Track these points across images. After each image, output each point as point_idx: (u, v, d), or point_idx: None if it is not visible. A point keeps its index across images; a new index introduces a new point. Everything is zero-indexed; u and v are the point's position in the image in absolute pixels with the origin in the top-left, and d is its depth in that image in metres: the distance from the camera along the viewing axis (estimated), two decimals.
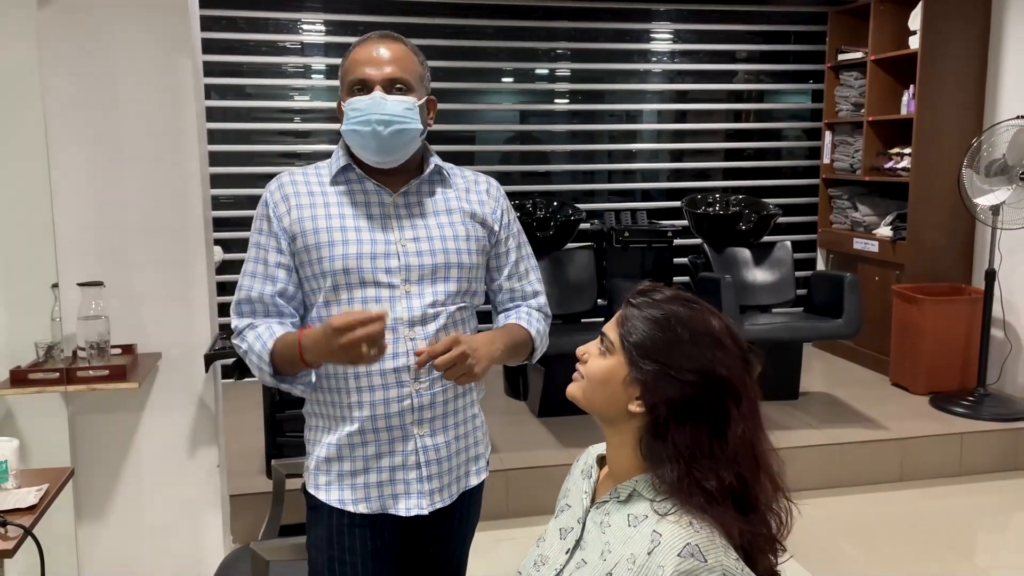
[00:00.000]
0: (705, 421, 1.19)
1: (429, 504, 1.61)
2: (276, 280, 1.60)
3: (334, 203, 1.59)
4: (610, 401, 1.25)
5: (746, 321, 4.27)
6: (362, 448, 1.59)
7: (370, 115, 1.53)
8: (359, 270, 1.55)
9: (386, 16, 4.99)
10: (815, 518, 3.59)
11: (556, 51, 5.45)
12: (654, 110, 5.63)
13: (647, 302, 1.26)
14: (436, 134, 5.16)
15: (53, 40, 2.58)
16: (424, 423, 1.59)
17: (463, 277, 1.61)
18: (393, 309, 1.55)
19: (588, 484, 1.37)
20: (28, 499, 1.78)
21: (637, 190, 5.65)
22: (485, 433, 1.76)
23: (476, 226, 1.65)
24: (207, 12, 4.56)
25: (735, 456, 1.20)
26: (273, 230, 1.60)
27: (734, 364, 1.23)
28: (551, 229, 4.52)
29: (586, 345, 1.31)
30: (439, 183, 1.66)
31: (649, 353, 1.21)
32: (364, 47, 1.59)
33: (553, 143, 5.51)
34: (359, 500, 1.60)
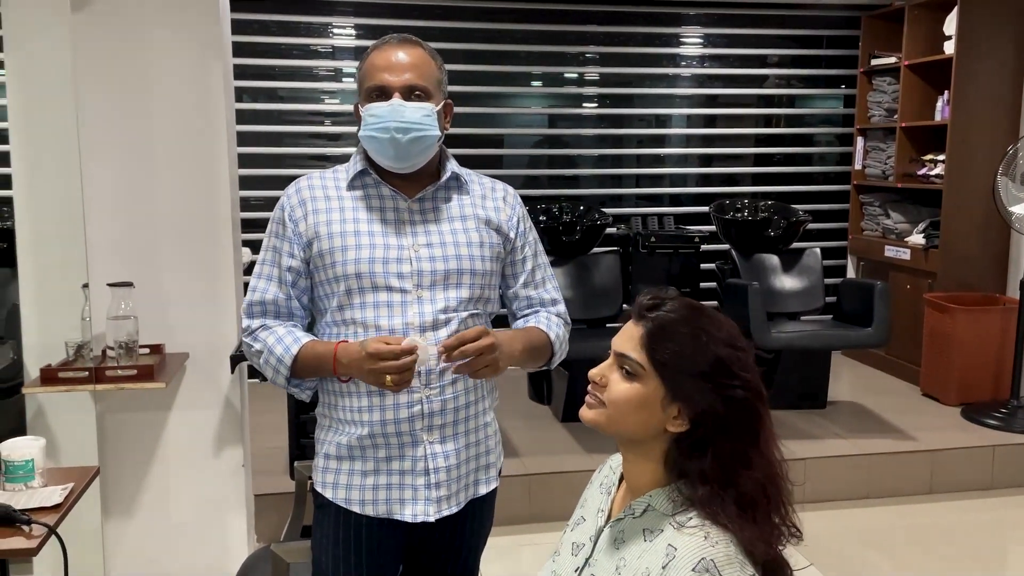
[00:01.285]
0: (745, 431, 1.19)
1: (436, 511, 1.60)
2: (288, 284, 1.62)
3: (349, 208, 1.60)
4: (644, 424, 1.22)
5: (773, 328, 4.22)
6: (372, 450, 1.59)
7: (389, 122, 1.54)
8: (371, 274, 1.56)
9: (415, 20, 5.02)
10: (841, 530, 3.54)
11: (585, 55, 5.43)
12: (683, 114, 5.60)
13: (666, 317, 1.22)
14: (464, 137, 5.25)
15: (86, 43, 2.62)
16: (434, 429, 1.58)
17: (476, 284, 1.61)
18: (404, 314, 1.56)
19: (606, 500, 1.36)
20: (53, 498, 1.80)
21: (665, 195, 5.62)
22: (498, 442, 1.74)
23: (491, 233, 1.65)
24: (239, 16, 4.62)
25: (766, 460, 1.20)
26: (288, 234, 1.62)
27: (752, 365, 1.22)
28: (577, 233, 4.51)
29: (600, 368, 1.27)
30: (456, 189, 1.66)
31: (687, 370, 1.19)
32: (383, 52, 1.59)
33: (581, 147, 5.49)
34: (366, 502, 1.61)
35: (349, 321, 1.58)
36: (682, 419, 1.20)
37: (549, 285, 1.75)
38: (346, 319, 1.58)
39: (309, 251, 1.60)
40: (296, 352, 1.57)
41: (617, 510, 1.32)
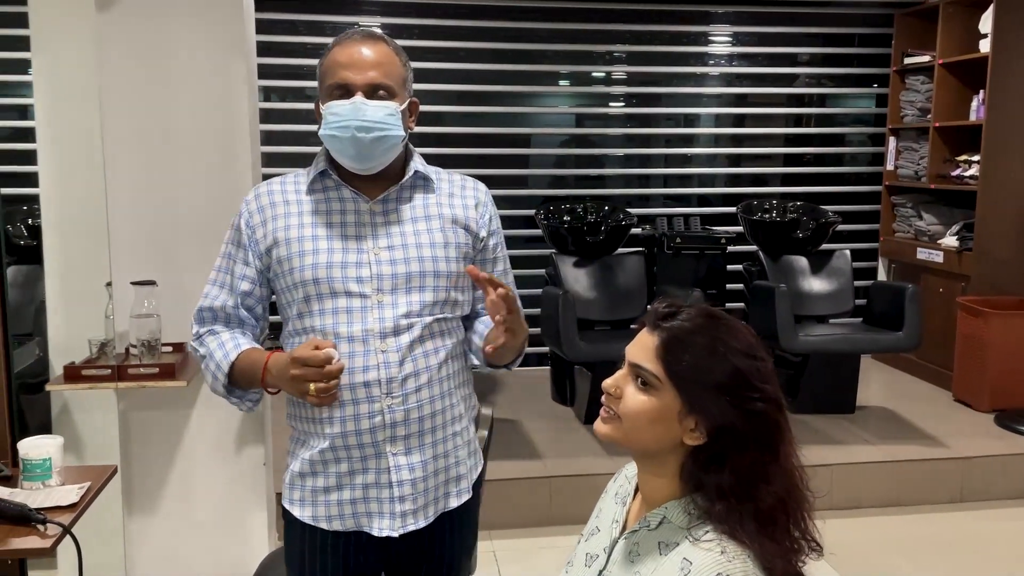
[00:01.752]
0: (764, 444, 1.15)
1: (401, 526, 1.54)
2: (238, 292, 1.57)
3: (308, 212, 1.55)
4: (661, 438, 1.18)
5: (801, 332, 4.16)
6: (335, 465, 1.53)
7: (350, 121, 1.48)
8: (329, 280, 1.50)
9: (441, 19, 5.01)
10: (868, 538, 3.48)
11: (612, 54, 5.39)
12: (711, 114, 5.54)
13: (681, 326, 1.18)
14: (490, 137, 5.22)
15: (111, 43, 2.63)
16: (397, 440, 1.52)
17: (441, 286, 1.54)
18: (364, 320, 1.49)
19: (620, 511, 1.33)
20: (70, 497, 1.81)
21: (692, 195, 5.56)
22: (472, 452, 1.67)
23: (458, 232, 1.58)
24: (267, 15, 4.65)
25: (786, 472, 1.17)
26: (243, 241, 1.57)
27: (772, 375, 1.19)
28: (601, 234, 4.47)
29: (614, 379, 1.22)
30: (421, 189, 1.60)
31: (706, 383, 1.15)
32: (345, 47, 1.52)
33: (608, 146, 5.45)
34: (333, 517, 1.55)
35: (309, 329, 1.52)
36: (699, 432, 1.16)
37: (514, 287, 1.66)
38: (306, 327, 1.52)
39: (268, 258, 1.55)
40: (234, 358, 1.52)
41: (632, 521, 1.29)
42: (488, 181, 5.40)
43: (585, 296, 4.36)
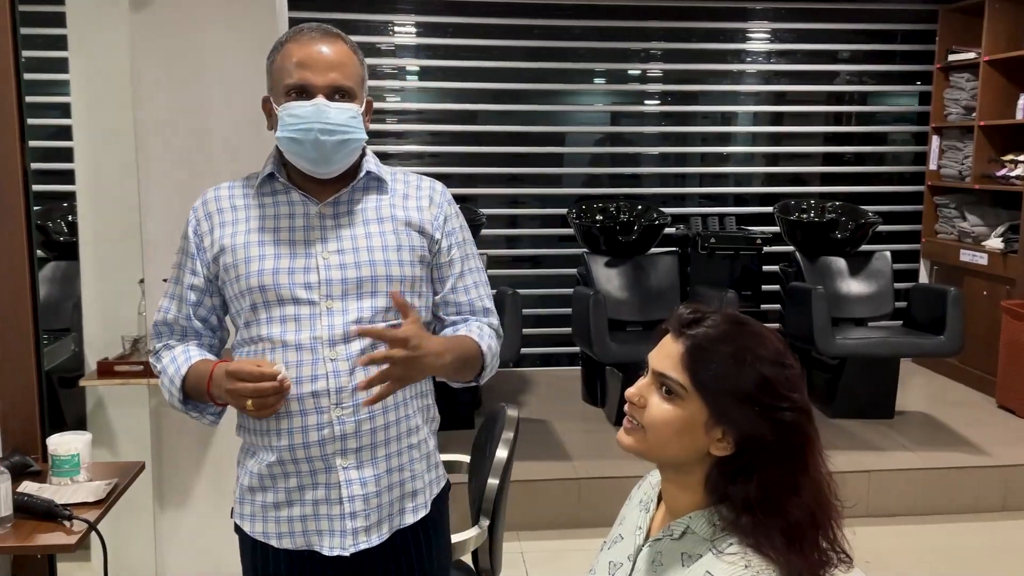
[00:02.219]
0: (794, 455, 1.11)
1: (352, 544, 1.46)
2: (188, 302, 1.52)
3: (256, 217, 1.48)
4: (687, 449, 1.14)
5: (838, 335, 4.08)
6: (283, 479, 1.46)
7: (312, 124, 1.40)
8: (276, 287, 1.44)
9: (474, 17, 5.00)
10: (905, 547, 3.40)
11: (647, 51, 5.33)
12: (749, 112, 5.45)
13: (707, 333, 1.14)
14: (524, 135, 5.20)
15: (145, 43, 2.65)
16: (348, 454, 1.44)
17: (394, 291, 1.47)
18: (312, 328, 1.43)
19: (644, 518, 1.29)
20: (97, 493, 1.82)
21: (729, 194, 5.48)
22: (432, 467, 1.58)
23: (413, 234, 1.51)
24: (301, 15, 4.67)
25: (815, 484, 1.13)
26: (191, 250, 1.52)
27: (801, 383, 1.15)
28: (634, 233, 4.43)
29: (637, 387, 1.18)
30: (375, 190, 1.53)
31: (732, 393, 1.11)
32: (303, 45, 1.44)
33: (643, 145, 5.39)
34: (283, 535, 1.48)
35: (256, 338, 1.45)
36: (727, 442, 1.13)
37: (482, 291, 1.60)
38: (253, 336, 1.46)
39: (216, 266, 1.49)
40: (184, 372, 1.47)
41: (656, 529, 1.26)
42: (522, 180, 5.40)
43: (617, 296, 4.32)
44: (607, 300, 3.98)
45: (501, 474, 2.13)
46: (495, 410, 2.31)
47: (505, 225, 5.30)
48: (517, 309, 3.79)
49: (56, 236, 3.86)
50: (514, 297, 3.80)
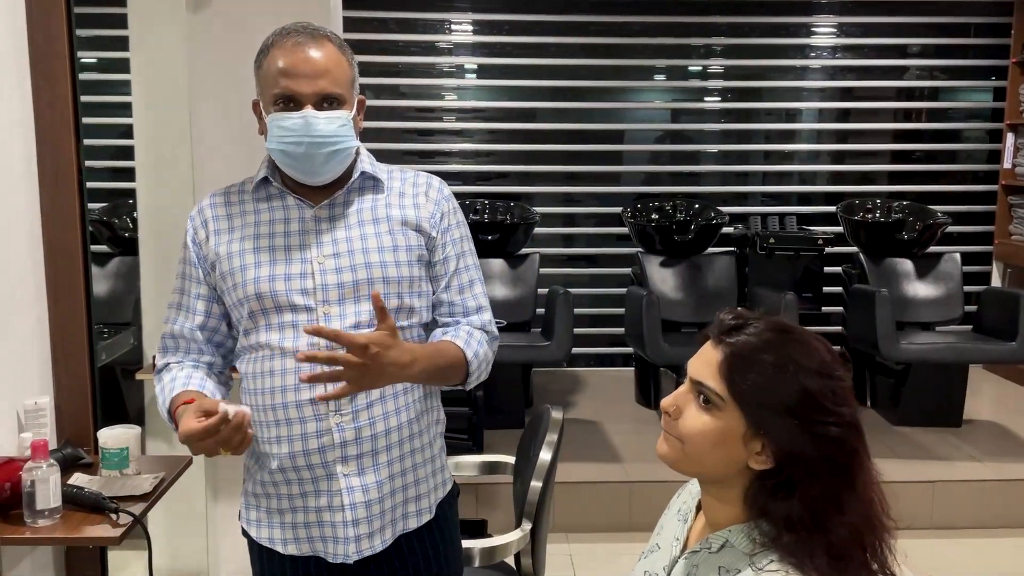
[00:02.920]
0: (839, 473, 1.06)
1: (356, 551, 1.44)
2: (195, 313, 1.49)
3: (251, 223, 1.46)
4: (725, 462, 1.10)
5: (903, 339, 3.94)
6: (286, 486, 1.45)
7: (302, 137, 1.38)
8: (272, 294, 1.41)
9: (531, 14, 4.97)
10: (970, 562, 3.27)
11: (708, 47, 5.24)
12: (814, 109, 5.31)
13: (748, 341, 1.09)
14: (581, 133, 5.16)
15: (201, 43, 2.69)
16: (349, 460, 1.42)
17: (392, 292, 1.44)
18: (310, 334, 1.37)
19: (682, 529, 1.25)
20: (144, 486, 1.85)
21: (793, 194, 5.34)
22: (438, 470, 1.56)
23: (410, 233, 1.47)
24: (359, 14, 4.71)
25: (864, 503, 1.07)
26: (192, 259, 1.49)
27: (850, 396, 1.09)
28: (690, 233, 4.35)
29: (673, 396, 1.14)
30: (370, 190, 1.49)
31: (773, 405, 1.05)
32: (289, 51, 1.39)
33: (704, 143, 5.30)
34: (288, 541, 1.47)
35: (256, 345, 1.43)
36: (766, 456, 1.08)
37: (478, 290, 1.55)
38: (252, 344, 1.44)
39: (214, 275, 1.46)
40: (168, 406, 1.43)
41: (693, 541, 1.22)
42: (580, 178, 5.33)
43: (671, 297, 4.25)
44: (661, 301, 3.92)
45: (544, 477, 2.10)
46: (540, 412, 2.29)
47: (562, 224, 5.27)
48: (568, 309, 3.76)
49: (121, 232, 3.97)
50: (565, 297, 3.77)
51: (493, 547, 2.06)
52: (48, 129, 1.96)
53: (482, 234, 4.40)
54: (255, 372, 1.44)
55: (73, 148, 1.98)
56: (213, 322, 1.49)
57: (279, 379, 1.41)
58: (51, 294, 2.01)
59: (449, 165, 5.14)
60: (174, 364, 1.50)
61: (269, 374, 1.42)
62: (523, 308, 4.25)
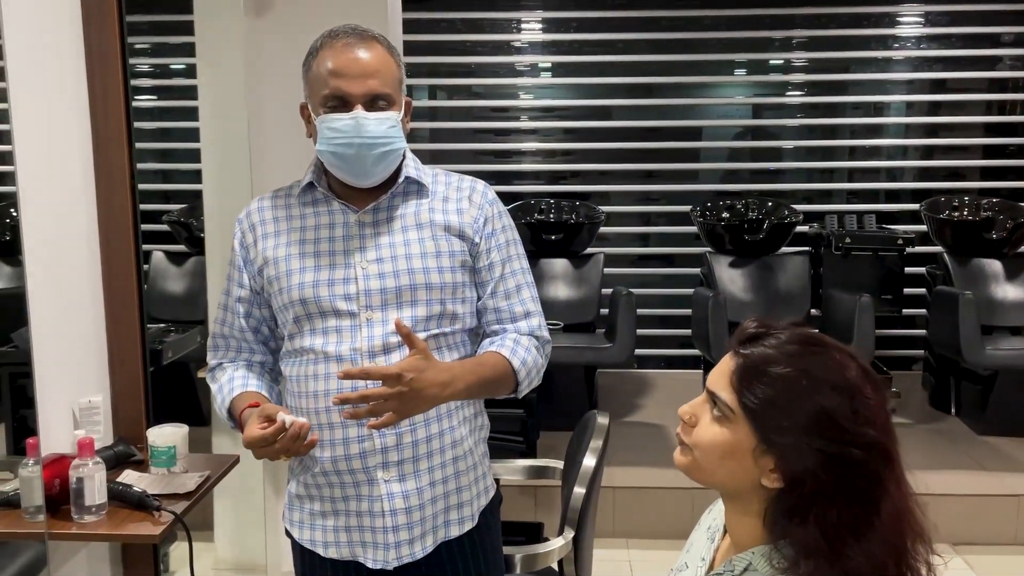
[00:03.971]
0: (857, 498, 0.99)
1: (395, 558, 1.45)
2: (239, 314, 1.52)
3: (297, 228, 1.47)
4: (736, 476, 1.05)
5: (989, 344, 3.73)
6: (328, 489, 1.46)
7: (352, 138, 1.38)
8: (316, 299, 1.42)
9: (601, 10, 4.90)
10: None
11: (787, 39, 5.06)
12: (902, 102, 5.07)
13: (764, 353, 1.03)
14: (656, 130, 5.05)
15: (260, 48, 2.74)
16: (390, 467, 1.42)
17: (434, 299, 1.44)
18: (353, 339, 1.41)
19: (709, 548, 1.21)
20: (188, 485, 1.89)
21: (879, 191, 5.11)
22: (480, 477, 1.55)
23: (452, 239, 1.47)
24: (419, 15, 4.73)
25: (890, 531, 1.00)
26: (238, 263, 1.52)
27: (879, 417, 1.01)
28: (762, 232, 4.22)
29: (691, 405, 1.10)
30: (414, 194, 1.49)
31: (779, 421, 1.00)
32: (339, 52, 1.40)
33: (786, 139, 5.12)
34: (329, 544, 1.48)
35: (300, 350, 1.46)
36: (778, 475, 1.02)
37: (525, 295, 1.53)
38: (297, 348, 1.46)
39: (261, 279, 1.49)
40: (228, 404, 1.49)
41: (719, 561, 1.17)
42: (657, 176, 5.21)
43: (740, 298, 4.14)
44: (730, 302, 3.82)
45: (588, 483, 2.06)
46: (586, 417, 2.25)
47: (638, 223, 5.18)
48: (631, 310, 3.69)
49: (197, 232, 4.10)
50: (628, 298, 3.71)
51: (535, 554, 2.03)
52: (103, 138, 2.02)
53: (545, 234, 4.37)
54: (299, 376, 1.46)
55: (126, 155, 2.04)
56: (253, 323, 1.53)
57: (322, 383, 1.42)
58: (107, 297, 2.08)
59: (523, 164, 5.12)
60: (227, 364, 1.54)
61: (313, 378, 1.43)
62: (586, 309, 4.20)
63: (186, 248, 4.36)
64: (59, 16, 1.96)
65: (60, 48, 1.97)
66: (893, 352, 4.79)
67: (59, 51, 1.96)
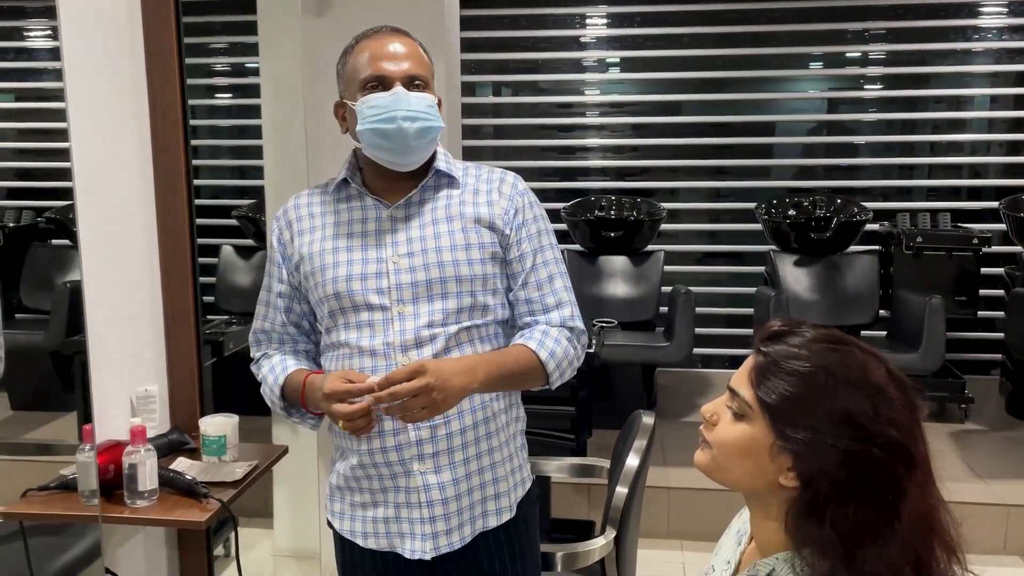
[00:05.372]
0: (874, 499, 0.97)
1: (433, 548, 1.47)
2: (279, 309, 1.56)
3: (331, 224, 1.50)
4: (753, 475, 1.04)
5: None
6: (367, 481, 1.49)
7: (395, 111, 1.41)
8: (349, 293, 1.45)
9: (665, 5, 4.85)
10: None
11: (858, 32, 4.90)
12: (986, 96, 4.86)
13: (785, 350, 1.02)
14: (727, 126, 4.95)
15: (319, 47, 2.79)
16: (426, 459, 1.44)
17: (464, 291, 1.44)
18: (385, 333, 1.43)
19: (735, 552, 1.20)
20: (236, 473, 1.94)
21: (962, 187, 4.92)
22: (517, 468, 1.56)
23: (482, 231, 1.47)
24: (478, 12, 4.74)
25: (910, 535, 0.97)
26: (276, 259, 1.55)
27: (903, 419, 0.99)
28: (829, 230, 4.10)
29: (714, 403, 1.09)
30: (444, 187, 1.51)
31: (796, 418, 0.99)
32: (376, 41, 1.46)
33: (863, 134, 4.97)
34: (368, 535, 1.51)
35: (336, 343, 1.48)
36: (795, 473, 1.00)
37: (557, 285, 1.52)
38: (333, 341, 1.49)
39: (298, 275, 1.52)
40: (282, 382, 1.52)
41: (744, 565, 1.15)
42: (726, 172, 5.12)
43: (805, 298, 4.03)
44: (794, 302, 3.73)
45: (631, 483, 2.04)
46: (632, 416, 2.23)
47: (706, 219, 5.10)
48: (690, 308, 3.64)
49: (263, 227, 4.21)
50: (687, 296, 3.65)
51: (575, 553, 2.03)
52: (161, 135, 2.09)
53: (605, 230, 4.33)
54: (336, 370, 1.48)
55: (182, 152, 2.10)
56: (294, 317, 1.56)
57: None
58: (164, 291, 2.15)
59: (589, 160, 5.09)
60: (272, 352, 1.58)
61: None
62: (645, 307, 4.16)
63: (253, 242, 4.49)
64: (118, 16, 2.03)
65: (119, 48, 2.04)
66: (967, 356, 4.60)
67: (118, 51, 2.04)
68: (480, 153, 4.89)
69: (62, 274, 2.94)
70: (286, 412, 1.56)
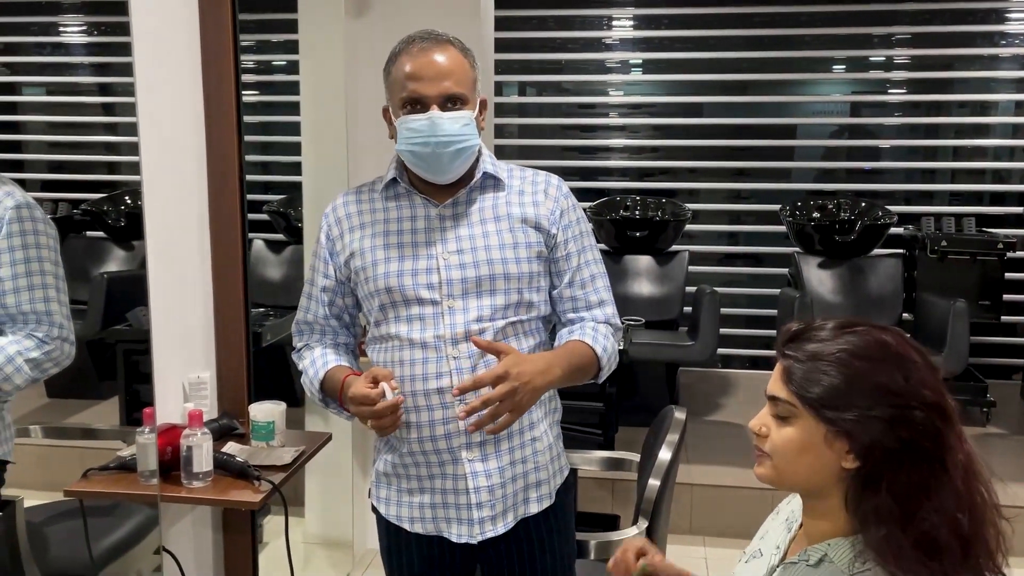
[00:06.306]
0: (924, 458, 1.05)
1: (479, 532, 1.53)
2: (322, 303, 1.61)
3: (381, 221, 1.56)
4: (816, 468, 1.10)
5: None
6: (414, 468, 1.56)
7: (428, 137, 1.47)
8: (401, 288, 1.51)
9: (693, 7, 4.88)
10: None
11: (883, 36, 4.93)
12: (1011, 101, 4.87)
13: (811, 347, 1.10)
14: (749, 128, 4.99)
15: (358, 47, 2.86)
16: (473, 447, 1.51)
17: (512, 288, 1.51)
18: (436, 326, 1.50)
19: (785, 538, 1.25)
20: (285, 458, 2.01)
21: (984, 192, 4.94)
22: (555, 457, 1.63)
23: (529, 231, 1.54)
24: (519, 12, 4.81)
25: (960, 483, 1.05)
26: (323, 255, 1.61)
27: (929, 378, 1.07)
28: (854, 233, 4.14)
29: (758, 417, 1.16)
30: (491, 188, 1.57)
31: (839, 403, 1.06)
32: (414, 57, 1.48)
33: (885, 138, 5.00)
34: (415, 519, 1.58)
35: (386, 336, 1.54)
36: (853, 454, 1.07)
37: (599, 284, 1.60)
38: (383, 334, 1.55)
39: (348, 270, 1.58)
40: (322, 376, 1.58)
41: (794, 551, 1.21)
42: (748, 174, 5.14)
43: (828, 300, 4.07)
44: (818, 304, 3.78)
45: (663, 476, 2.10)
46: (664, 411, 2.29)
47: (726, 221, 5.15)
48: (715, 309, 3.69)
49: (295, 222, 4.29)
50: (712, 296, 3.70)
51: (608, 542, 2.09)
52: (215, 132, 2.17)
53: (630, 230, 4.38)
54: (385, 361, 1.55)
55: (236, 148, 2.18)
56: (336, 310, 1.62)
57: (408, 368, 1.51)
58: (215, 281, 2.23)
59: (611, 160, 5.15)
60: (314, 344, 1.65)
61: (398, 364, 1.52)
62: (670, 306, 4.21)
63: (284, 237, 4.56)
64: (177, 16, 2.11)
65: (178, 47, 2.12)
66: (990, 360, 4.63)
67: (177, 50, 2.12)
68: (504, 151, 4.95)
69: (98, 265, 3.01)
70: (324, 403, 1.63)
